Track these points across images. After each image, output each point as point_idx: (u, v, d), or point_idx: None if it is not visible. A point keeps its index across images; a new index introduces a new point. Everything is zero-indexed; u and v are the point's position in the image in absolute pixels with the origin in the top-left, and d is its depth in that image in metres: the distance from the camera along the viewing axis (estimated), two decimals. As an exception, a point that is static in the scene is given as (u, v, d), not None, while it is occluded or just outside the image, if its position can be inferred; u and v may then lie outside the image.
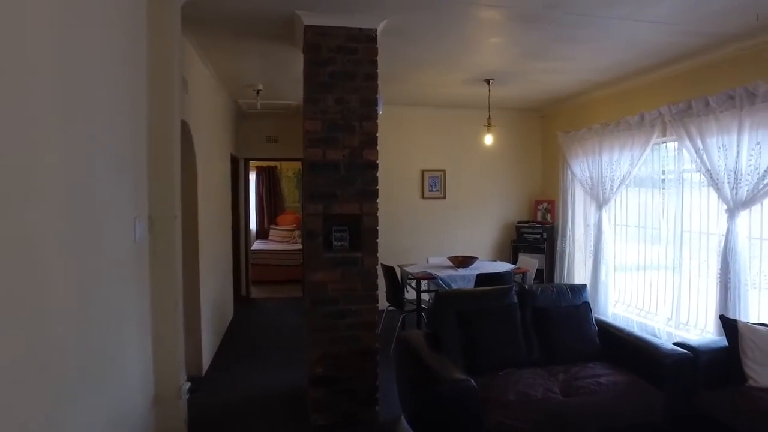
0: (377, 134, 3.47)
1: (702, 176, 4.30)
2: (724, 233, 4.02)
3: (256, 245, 9.20)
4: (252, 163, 8.10)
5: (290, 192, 10.82)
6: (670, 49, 4.05)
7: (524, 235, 6.66)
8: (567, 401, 2.79)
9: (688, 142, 4.34)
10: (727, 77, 3.99)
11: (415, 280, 4.93)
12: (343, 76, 3.37)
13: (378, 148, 3.46)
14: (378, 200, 3.48)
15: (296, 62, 3.97)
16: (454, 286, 4.82)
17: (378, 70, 3.43)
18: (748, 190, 3.83)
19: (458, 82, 5.25)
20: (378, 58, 3.43)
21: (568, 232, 6.21)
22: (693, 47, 3.99)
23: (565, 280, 6.20)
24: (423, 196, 6.47)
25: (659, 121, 4.67)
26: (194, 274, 4.16)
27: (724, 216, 4.03)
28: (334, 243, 3.53)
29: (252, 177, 8.95)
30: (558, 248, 6.36)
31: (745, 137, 3.85)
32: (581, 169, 5.88)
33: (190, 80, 3.85)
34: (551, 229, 6.57)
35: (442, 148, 6.64)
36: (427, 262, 5.75)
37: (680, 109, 4.37)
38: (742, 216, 3.93)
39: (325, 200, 3.40)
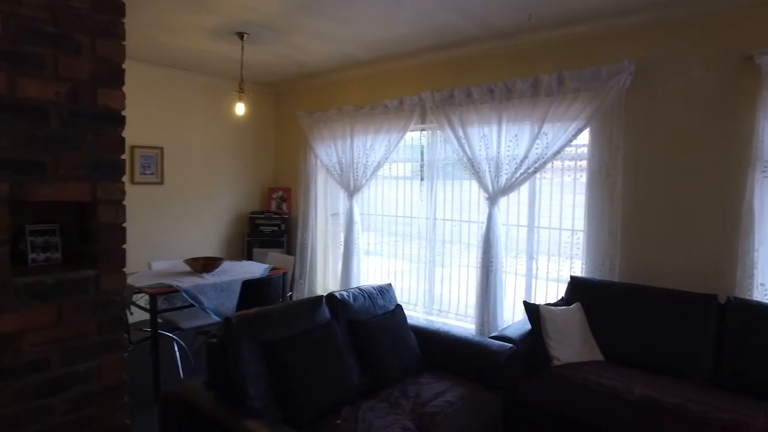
0: (123, 66, 2.02)
1: (463, 164, 4.40)
2: (485, 220, 4.20)
3: None
4: None
5: None
6: (446, 33, 3.91)
7: (260, 227, 5.76)
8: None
9: (449, 130, 4.37)
10: (490, 71, 4.15)
11: (146, 297, 3.44)
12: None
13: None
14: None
15: None
16: (207, 302, 3.58)
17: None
18: (506, 179, 4.07)
19: (204, 32, 3.94)
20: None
21: (311, 223, 5.66)
22: (467, 35, 3.95)
23: (308, 276, 5.64)
24: (133, 181, 4.75)
25: (419, 107, 4.59)
26: None
27: (485, 203, 4.21)
28: (32, 255, 1.94)
29: None
30: (299, 241, 5.74)
31: (504, 129, 4.07)
32: (328, 153, 5.40)
33: None
34: (289, 220, 5.89)
35: (159, 119, 5.04)
36: (150, 268, 4.21)
37: (443, 96, 4.36)
38: (501, 203, 4.17)
39: (14, 174, 1.76)
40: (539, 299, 4.18)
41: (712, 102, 3.18)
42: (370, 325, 2.71)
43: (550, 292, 4.16)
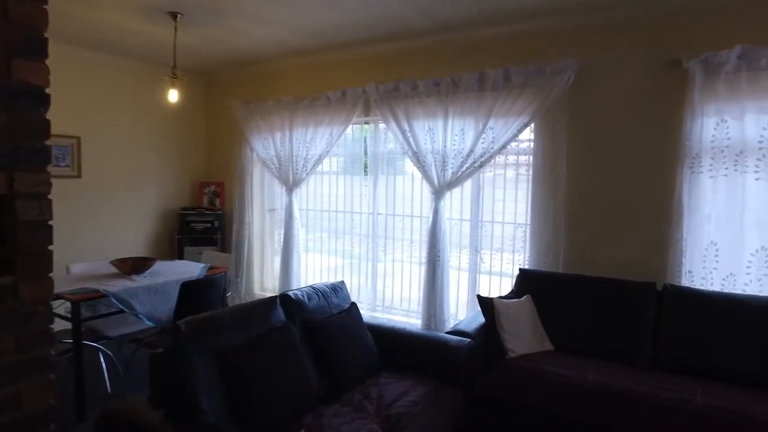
0: (45, 33, 1.74)
1: (409, 158, 4.35)
2: (430, 215, 4.19)
3: None
4: None
5: None
6: (392, 23, 3.82)
7: (192, 224, 5.39)
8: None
9: (394, 124, 4.31)
10: (436, 65, 4.12)
11: (69, 304, 3.06)
12: None
13: None
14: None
15: None
16: (140, 307, 3.27)
17: None
18: (452, 173, 4.07)
19: (131, 8, 3.56)
20: None
21: (247, 219, 5.38)
22: (414, 27, 3.88)
23: (245, 275, 5.37)
24: (44, 173, 4.24)
25: (363, 100, 4.48)
26: None
27: (431, 198, 4.20)
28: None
29: None
30: (234, 238, 5.43)
31: (450, 123, 4.07)
32: (265, 146, 5.14)
33: None
34: (223, 216, 5.56)
35: (75, 106, 4.53)
36: (68, 271, 3.78)
37: (388, 89, 4.28)
38: (447, 198, 4.18)
39: None
40: (483, 293, 4.25)
41: (646, 102, 3.36)
42: (327, 325, 2.59)
43: (495, 285, 4.23)
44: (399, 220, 4.71)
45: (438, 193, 4.14)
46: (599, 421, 2.42)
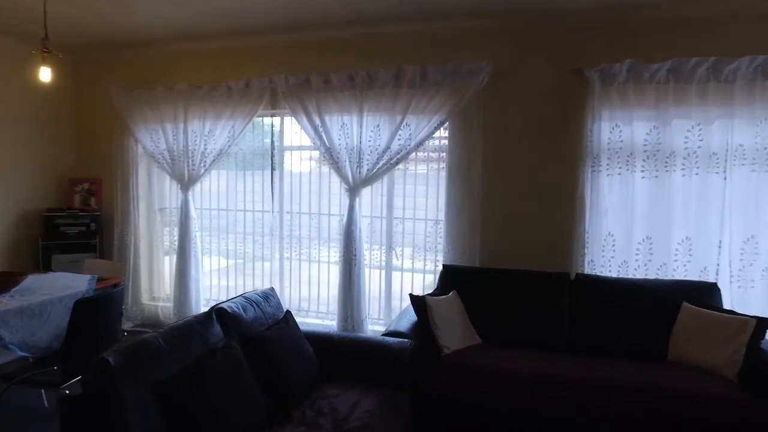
0: None
1: (321, 154, 4.18)
2: (345, 212, 4.09)
3: None
4: None
5: None
6: (306, 9, 3.61)
7: (62, 228, 4.61)
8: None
9: (304, 118, 4.11)
10: (351, 58, 4.00)
11: None
12: None
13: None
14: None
15: None
16: (8, 334, 2.71)
17: None
18: (368, 169, 4.01)
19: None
20: None
21: (132, 220, 4.76)
22: (329, 15, 3.71)
23: (132, 284, 4.76)
24: None
25: (270, 91, 4.20)
26: None
27: (345, 195, 4.09)
28: None
29: None
30: (116, 242, 4.78)
31: (365, 119, 3.99)
32: (154, 139, 4.58)
33: None
34: (101, 218, 4.85)
35: None
36: None
37: (298, 81, 4.07)
38: (362, 195, 4.11)
39: None
40: (397, 290, 4.29)
41: (553, 106, 3.63)
42: (269, 339, 2.37)
43: (411, 282, 4.28)
44: (310, 218, 4.54)
45: (353, 190, 4.05)
46: (539, 407, 2.56)
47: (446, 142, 3.97)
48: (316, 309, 4.58)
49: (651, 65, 3.32)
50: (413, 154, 3.99)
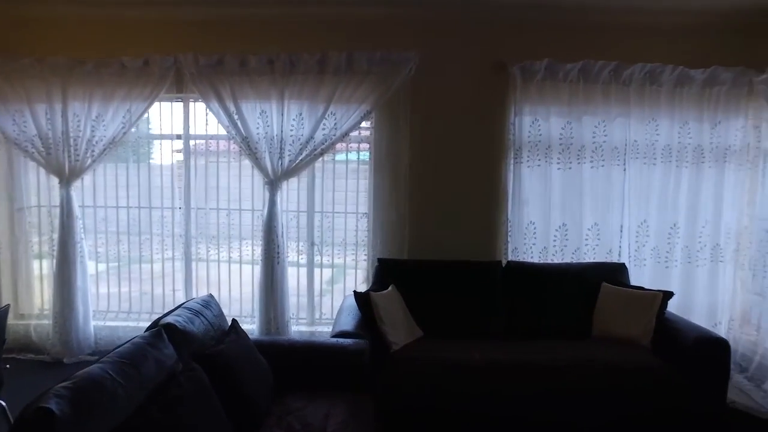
0: None
1: (237, 144, 3.80)
2: (265, 207, 3.79)
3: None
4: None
5: None
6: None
7: None
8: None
9: (216, 104, 3.71)
10: (272, 40, 3.70)
11: None
12: None
13: None
14: None
15: None
16: None
17: None
18: (290, 161, 3.76)
19: None
20: None
21: (-11, 223, 3.90)
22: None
23: (4, 294, 3.92)
24: None
25: (175, 72, 3.70)
26: None
27: (265, 189, 3.79)
28: None
29: None
30: (-34, 250, 3.88)
31: (287, 106, 3.73)
32: (19, 123, 3.77)
33: None
34: (-59, 221, 3.89)
35: None
36: None
37: (210, 62, 3.65)
38: (284, 188, 3.84)
39: None
40: (319, 288, 4.12)
41: (478, 99, 3.73)
42: (226, 353, 2.08)
43: (337, 278, 4.14)
44: (219, 214, 4.14)
45: (273, 183, 3.77)
46: (495, 393, 2.63)
47: (372, 132, 3.88)
48: (228, 312, 4.16)
49: (566, 65, 3.58)
50: (341, 145, 3.84)
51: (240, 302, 4.18)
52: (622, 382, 2.70)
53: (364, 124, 3.82)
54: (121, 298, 4.24)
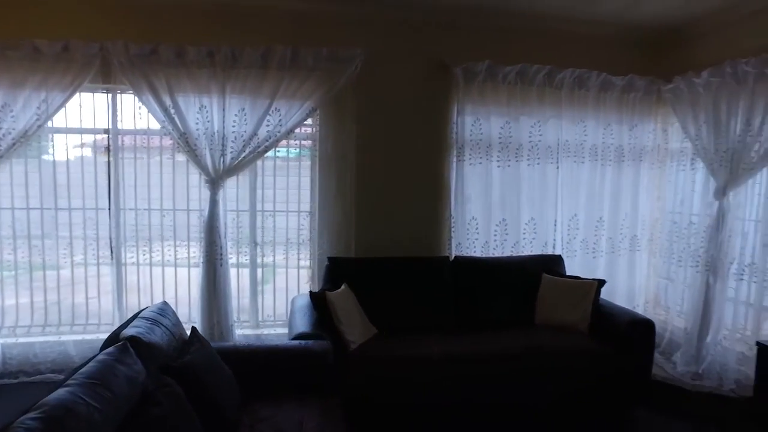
0: None
1: (174, 140, 3.56)
2: (207, 207, 3.59)
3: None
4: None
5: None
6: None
7: None
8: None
9: (150, 97, 3.45)
10: (211, 31, 3.50)
11: None
12: None
13: None
14: None
15: None
16: None
17: None
18: (232, 158, 3.60)
19: None
20: None
21: None
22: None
23: None
24: None
25: (99, 60, 3.38)
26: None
27: (205, 187, 3.59)
28: None
29: None
30: None
31: (228, 101, 3.55)
32: None
33: None
34: None
35: None
36: None
37: (143, 51, 3.38)
38: (225, 187, 3.66)
39: None
40: (265, 288, 4.00)
41: (423, 98, 3.80)
42: (195, 364, 1.96)
43: (280, 278, 4.03)
44: (150, 214, 3.85)
45: (215, 181, 3.59)
46: (456, 383, 2.72)
47: (316, 129, 3.82)
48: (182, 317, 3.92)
49: (505, 67, 3.76)
50: (283, 141, 3.73)
51: (175, 306, 3.91)
52: (567, 364, 2.92)
53: (308, 120, 3.74)
54: (33, 308, 3.79)
